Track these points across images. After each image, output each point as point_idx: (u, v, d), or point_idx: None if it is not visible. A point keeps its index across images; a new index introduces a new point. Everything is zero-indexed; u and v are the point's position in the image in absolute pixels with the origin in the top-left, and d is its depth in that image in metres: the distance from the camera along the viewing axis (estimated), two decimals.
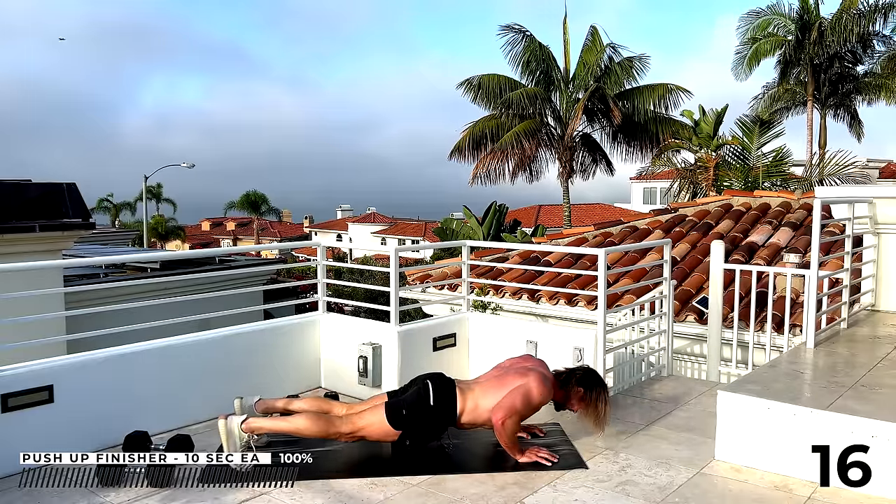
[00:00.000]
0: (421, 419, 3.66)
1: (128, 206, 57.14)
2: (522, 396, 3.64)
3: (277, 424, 3.69)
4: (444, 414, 3.68)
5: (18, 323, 4.01)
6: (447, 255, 18.39)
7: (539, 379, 3.71)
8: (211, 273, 11.55)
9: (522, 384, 3.67)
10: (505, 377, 3.77)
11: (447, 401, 3.69)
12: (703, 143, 17.69)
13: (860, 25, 22.54)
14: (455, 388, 3.73)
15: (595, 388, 3.81)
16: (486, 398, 3.70)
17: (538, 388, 3.67)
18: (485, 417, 3.69)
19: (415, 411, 3.66)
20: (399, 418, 3.64)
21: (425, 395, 3.68)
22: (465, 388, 3.75)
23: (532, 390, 3.66)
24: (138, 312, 4.67)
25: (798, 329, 6.24)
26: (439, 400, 3.68)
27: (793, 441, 3.40)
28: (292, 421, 3.67)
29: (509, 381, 3.72)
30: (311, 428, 3.63)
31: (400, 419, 3.64)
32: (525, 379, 3.70)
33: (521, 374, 3.75)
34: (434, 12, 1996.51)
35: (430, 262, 20.12)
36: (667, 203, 12.11)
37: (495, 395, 3.69)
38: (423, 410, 3.66)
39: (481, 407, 3.69)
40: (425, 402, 3.67)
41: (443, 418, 3.69)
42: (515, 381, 3.71)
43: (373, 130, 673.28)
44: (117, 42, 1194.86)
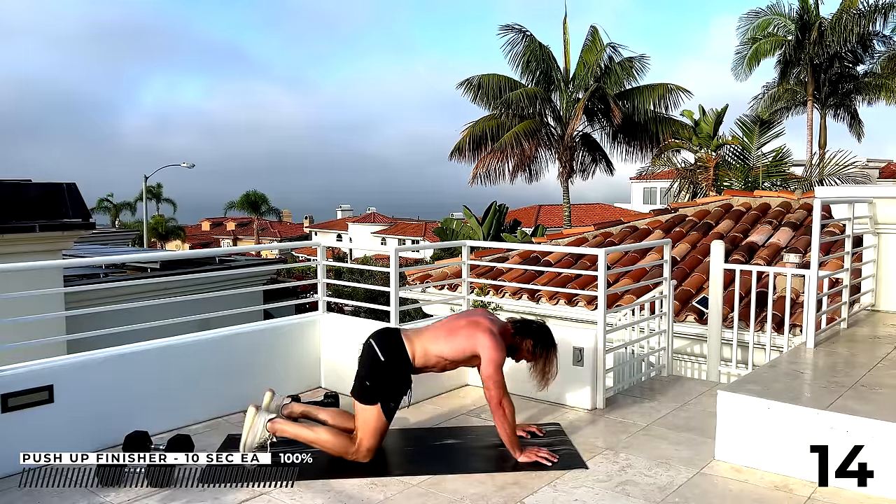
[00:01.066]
0: (383, 377, 3.66)
1: (128, 206, 57.16)
2: (494, 370, 3.63)
3: (302, 432, 3.68)
4: (398, 362, 3.69)
5: (18, 323, 4.01)
6: (447, 255, 18.39)
7: (490, 337, 3.68)
8: (211, 273, 11.55)
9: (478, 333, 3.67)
10: (454, 326, 3.78)
11: (396, 349, 3.71)
12: (703, 143, 17.70)
13: (860, 25, 22.55)
14: (400, 335, 3.78)
15: (546, 344, 3.83)
16: (436, 344, 3.73)
17: (494, 349, 3.65)
18: (434, 362, 3.74)
19: (374, 375, 3.67)
20: (368, 392, 3.64)
21: (374, 355, 3.70)
22: (412, 335, 3.79)
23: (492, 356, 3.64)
24: (138, 312, 4.67)
25: (798, 329, 6.25)
26: (387, 352, 3.70)
27: (793, 441, 3.40)
28: (317, 432, 3.67)
29: (460, 332, 3.73)
30: (332, 443, 3.63)
31: (369, 392, 3.64)
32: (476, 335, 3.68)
33: (471, 325, 3.74)
34: (432, 12, 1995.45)
35: (430, 262, 20.12)
36: (667, 203, 12.11)
37: (445, 342, 3.72)
38: (379, 369, 3.67)
39: (431, 351, 3.73)
40: (377, 361, 3.68)
41: (399, 367, 3.70)
42: (466, 333, 3.71)
43: (373, 130, 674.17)
44: (117, 42, 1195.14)
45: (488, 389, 3.66)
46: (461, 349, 3.73)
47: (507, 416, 3.65)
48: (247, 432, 3.66)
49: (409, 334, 3.81)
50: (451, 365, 3.83)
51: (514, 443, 3.67)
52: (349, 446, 3.62)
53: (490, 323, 3.79)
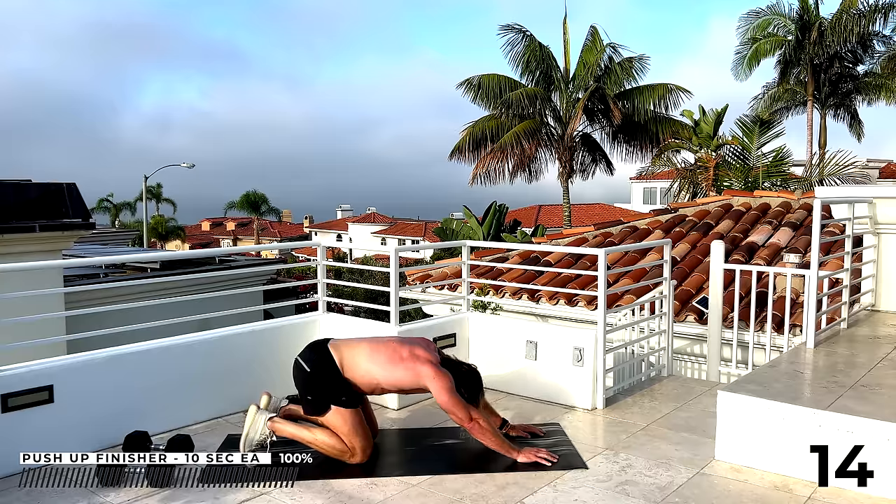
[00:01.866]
0: (317, 386, 3.67)
1: (128, 206, 57.14)
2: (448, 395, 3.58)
3: (300, 433, 3.69)
4: (325, 373, 3.68)
5: (18, 323, 4.01)
6: (447, 255, 18.40)
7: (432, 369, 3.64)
8: (211, 273, 11.55)
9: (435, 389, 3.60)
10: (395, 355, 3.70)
11: (321, 358, 3.70)
12: (703, 143, 17.70)
13: (860, 25, 22.55)
14: (326, 345, 3.77)
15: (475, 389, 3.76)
16: (374, 365, 3.68)
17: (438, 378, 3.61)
18: (365, 381, 3.68)
19: (309, 388, 3.69)
20: (316, 404, 3.67)
21: (301, 369, 3.72)
22: (340, 344, 3.78)
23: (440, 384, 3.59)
24: (138, 312, 4.67)
25: (798, 329, 6.24)
26: (312, 361, 3.71)
27: (793, 441, 3.40)
28: (315, 433, 3.67)
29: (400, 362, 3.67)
30: (329, 445, 3.63)
31: (317, 403, 3.67)
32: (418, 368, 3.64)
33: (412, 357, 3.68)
34: (431, 11, 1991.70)
35: (430, 262, 20.13)
36: (667, 203, 12.11)
37: (382, 368, 3.66)
38: (310, 381, 3.69)
39: (365, 369, 3.67)
40: (305, 374, 3.70)
41: (327, 377, 3.68)
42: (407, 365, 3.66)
43: (373, 130, 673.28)
44: (115, 42, 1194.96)
45: (453, 414, 3.61)
46: (400, 380, 3.70)
47: (485, 428, 3.61)
48: (248, 428, 3.68)
49: (336, 344, 3.79)
50: (380, 391, 3.80)
51: (505, 447, 3.65)
52: (345, 450, 3.63)
53: (430, 354, 3.75)
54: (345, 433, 3.62)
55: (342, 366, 3.70)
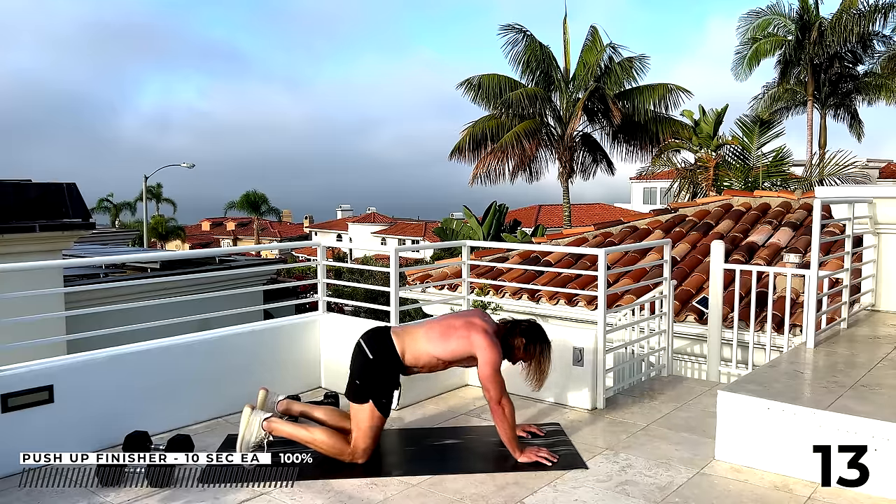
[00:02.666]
0: (372, 377, 3.66)
1: (128, 206, 57.15)
2: (492, 370, 3.62)
3: (298, 432, 3.68)
4: (386, 360, 3.69)
5: (18, 323, 4.01)
6: (447, 255, 18.40)
7: (486, 338, 3.67)
8: (211, 273, 11.56)
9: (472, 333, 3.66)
10: (449, 326, 3.77)
11: (384, 347, 3.71)
12: (703, 143, 17.70)
13: (860, 25, 22.55)
14: (389, 333, 3.77)
15: (538, 341, 3.83)
16: (428, 343, 3.72)
17: (491, 349, 3.65)
18: (426, 360, 3.72)
19: (364, 374, 3.67)
20: (360, 391, 3.65)
21: (363, 354, 3.71)
22: (402, 332, 3.79)
23: (490, 357, 3.64)
24: (138, 312, 4.67)
25: (798, 329, 6.25)
26: (375, 349, 3.70)
27: (793, 441, 3.40)
28: (313, 433, 3.67)
29: (455, 333, 3.72)
30: (328, 444, 3.63)
31: (361, 391, 3.65)
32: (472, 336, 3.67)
33: (466, 325, 3.73)
34: (430, 12, 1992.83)
35: (430, 262, 20.13)
36: (667, 203, 12.11)
37: (439, 342, 3.71)
38: (368, 368, 3.68)
39: (423, 349, 3.71)
40: (366, 359, 3.69)
41: (388, 364, 3.69)
42: (461, 333, 3.70)
43: (372, 130, 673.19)
44: (114, 43, 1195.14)
45: (487, 390, 3.65)
46: (455, 350, 3.72)
47: (507, 416, 3.64)
48: (243, 431, 3.67)
49: (398, 332, 3.81)
50: (443, 365, 3.82)
51: (513, 443, 3.67)
52: (344, 448, 3.63)
53: (486, 324, 3.79)
54: (362, 429, 3.62)
55: (403, 354, 3.71)
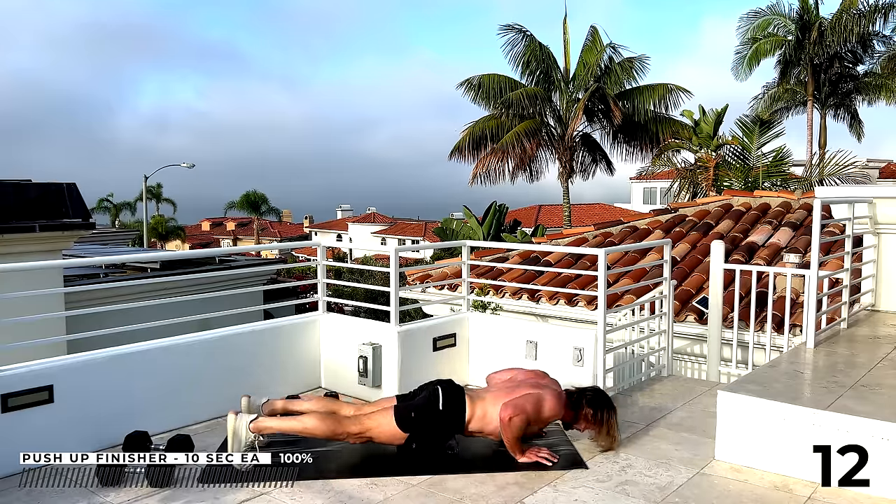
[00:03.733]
0: (429, 423, 3.67)
1: (128, 206, 57.15)
2: (534, 401, 3.68)
3: (286, 424, 3.68)
4: (452, 419, 3.70)
5: (18, 323, 4.01)
6: (447, 255, 18.39)
7: (553, 394, 3.76)
8: (211, 273, 11.55)
9: (537, 392, 3.71)
10: (517, 389, 3.78)
11: (456, 406, 3.71)
12: (703, 143, 17.69)
13: (860, 25, 22.55)
14: (464, 395, 3.76)
15: (604, 409, 3.82)
16: (495, 406, 3.70)
17: (551, 401, 3.72)
18: (492, 427, 3.70)
19: (423, 415, 3.67)
20: (408, 421, 3.65)
21: (435, 400, 3.70)
22: (475, 396, 3.78)
23: (545, 400, 3.70)
24: (138, 312, 4.67)
25: (798, 329, 6.24)
26: (448, 405, 3.70)
27: (793, 441, 3.40)
28: (302, 420, 3.68)
29: (521, 392, 3.74)
30: (320, 427, 3.63)
31: (409, 422, 3.65)
32: (538, 390, 3.74)
33: (533, 387, 3.79)
34: (428, 12, 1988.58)
35: (430, 262, 20.12)
36: (667, 203, 12.11)
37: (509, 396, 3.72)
38: (431, 414, 3.67)
39: (489, 415, 3.70)
40: (434, 407, 3.69)
41: (451, 423, 3.71)
42: (528, 391, 3.73)
43: (371, 130, 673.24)
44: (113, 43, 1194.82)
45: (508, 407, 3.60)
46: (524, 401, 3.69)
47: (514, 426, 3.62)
48: (231, 439, 3.63)
49: (471, 395, 3.79)
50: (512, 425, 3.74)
51: (515, 445, 3.66)
52: (337, 427, 3.62)
53: (556, 384, 3.85)
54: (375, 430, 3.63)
55: (470, 419, 3.71)
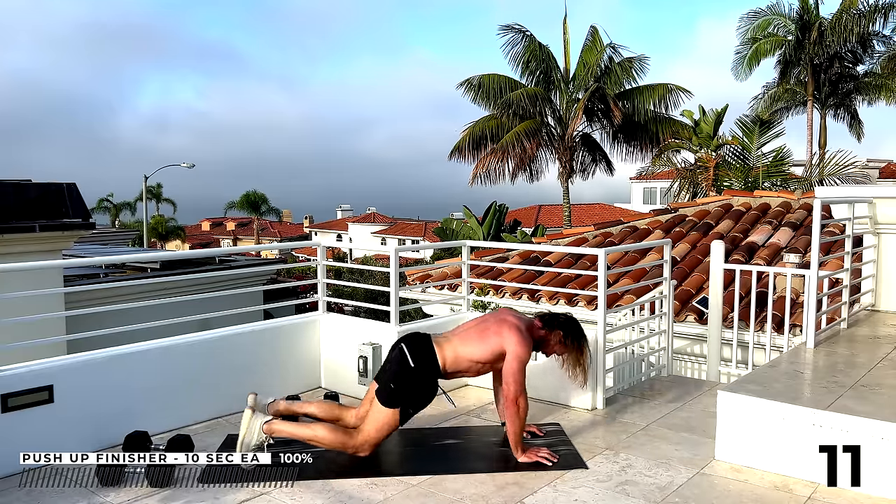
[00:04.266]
0: (409, 384, 3.66)
1: (128, 206, 57.16)
2: (519, 367, 3.66)
3: (298, 431, 3.67)
4: (427, 370, 3.69)
5: (18, 323, 4.01)
6: (447, 255, 18.39)
7: (517, 333, 3.71)
8: (211, 273, 11.55)
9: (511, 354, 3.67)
10: (484, 328, 3.79)
11: (426, 356, 3.70)
12: (703, 143, 17.70)
13: (860, 25, 22.56)
14: (431, 342, 3.76)
15: (576, 335, 3.86)
16: (466, 346, 3.73)
17: (520, 345, 3.68)
18: (465, 365, 3.74)
19: (401, 380, 3.65)
20: (392, 395, 3.63)
21: (405, 361, 3.68)
22: (443, 340, 3.79)
23: (518, 352, 3.67)
24: (138, 312, 4.67)
25: (798, 329, 6.25)
26: (418, 358, 3.68)
27: (793, 441, 3.40)
28: (314, 429, 3.66)
29: (489, 333, 3.74)
30: (329, 438, 3.62)
31: (393, 395, 3.63)
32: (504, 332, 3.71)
33: (498, 323, 3.76)
34: (425, 11, 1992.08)
35: (430, 262, 20.12)
36: (667, 203, 12.11)
37: (476, 345, 3.73)
38: (408, 375, 3.66)
39: (462, 355, 3.72)
40: (407, 367, 3.67)
41: (428, 374, 3.69)
42: (494, 331, 3.73)
43: (371, 130, 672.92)
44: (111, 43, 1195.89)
45: (507, 385, 3.66)
46: (491, 349, 3.73)
47: (521, 414, 3.66)
48: (244, 432, 3.64)
49: (439, 340, 3.79)
50: (484, 368, 3.83)
51: (519, 442, 3.67)
52: (347, 440, 3.61)
53: (517, 320, 3.82)
54: (375, 427, 3.62)
55: (444, 363, 3.72)
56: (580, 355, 3.87)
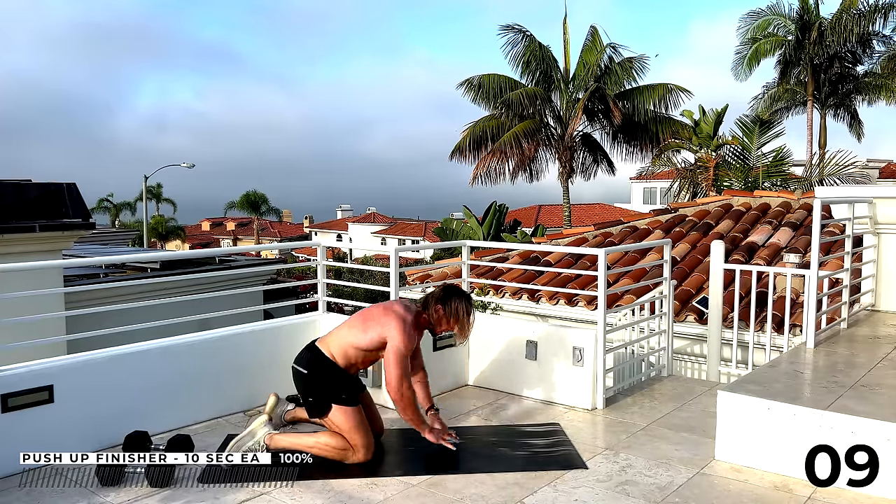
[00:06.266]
0: (317, 387, 3.71)
1: (128, 206, 57.15)
2: (395, 358, 3.64)
3: (299, 441, 3.68)
4: (322, 370, 3.72)
5: (18, 323, 4.01)
6: (447, 255, 18.39)
7: (398, 324, 3.69)
8: (211, 273, 11.54)
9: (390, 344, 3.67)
10: (369, 315, 3.80)
11: (314, 357, 3.75)
12: (703, 143, 17.70)
13: (860, 25, 22.55)
14: (314, 344, 3.82)
15: (452, 298, 3.83)
16: (350, 334, 3.76)
17: (400, 335, 3.66)
18: (351, 352, 3.74)
19: (309, 389, 3.74)
20: (318, 405, 3.69)
21: (298, 374, 3.76)
22: (327, 336, 3.83)
23: (396, 343, 3.66)
24: (138, 312, 4.67)
25: (798, 329, 6.25)
26: (308, 364, 3.74)
27: (793, 441, 3.40)
28: (317, 437, 3.68)
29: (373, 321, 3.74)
30: (331, 447, 3.63)
31: (318, 405, 3.69)
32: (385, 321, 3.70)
33: (384, 312, 3.76)
34: (423, 11, 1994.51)
35: (430, 262, 20.12)
36: (667, 203, 12.11)
37: (357, 332, 3.74)
38: (309, 382, 3.73)
39: (345, 340, 3.74)
40: (304, 377, 3.74)
41: (323, 370, 3.72)
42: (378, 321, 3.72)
43: (370, 130, 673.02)
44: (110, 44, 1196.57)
45: (385, 375, 3.68)
46: (374, 338, 3.72)
47: (405, 402, 3.66)
48: (244, 433, 3.68)
49: (323, 338, 3.85)
50: (371, 355, 3.80)
51: (419, 423, 3.75)
52: (347, 451, 3.63)
53: (404, 310, 3.78)
54: (346, 430, 3.63)
55: (333, 355, 3.74)
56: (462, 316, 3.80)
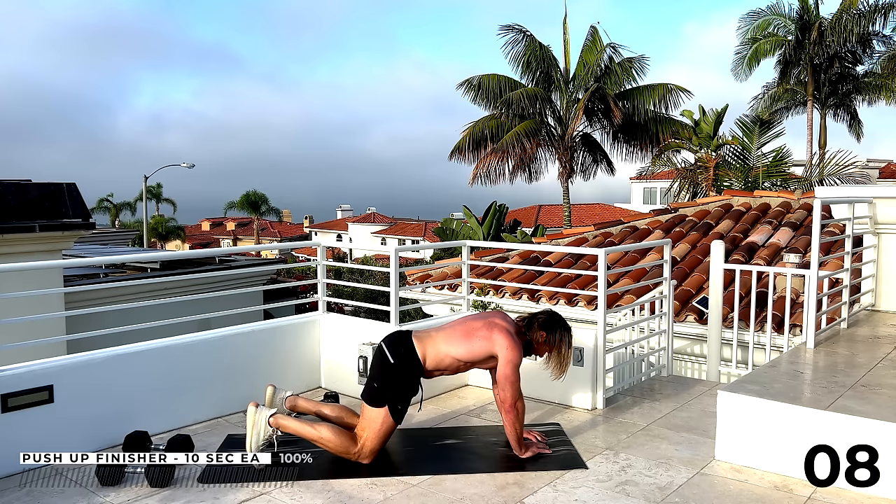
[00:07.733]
0: (392, 381, 3.65)
1: (128, 206, 57.12)
2: (514, 371, 3.64)
3: (304, 430, 3.65)
4: (408, 365, 3.68)
5: (18, 323, 4.01)
6: (447, 255, 18.40)
7: (508, 338, 3.68)
8: (211, 273, 11.53)
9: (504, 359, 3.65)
10: (470, 328, 3.76)
11: (406, 352, 3.69)
12: (703, 143, 17.71)
13: (860, 25, 22.57)
14: (411, 338, 3.76)
15: (557, 329, 3.82)
16: (450, 345, 3.71)
17: (513, 350, 3.66)
18: (447, 363, 3.72)
19: (384, 378, 3.66)
20: (377, 395, 3.63)
21: (384, 358, 3.69)
22: (424, 336, 3.77)
23: (511, 357, 3.65)
24: (138, 312, 4.68)
25: (798, 329, 6.25)
26: (397, 354, 3.68)
27: (793, 441, 3.40)
28: (319, 430, 3.65)
29: (476, 334, 3.71)
30: (334, 442, 3.61)
31: (377, 393, 3.63)
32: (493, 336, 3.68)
33: (487, 326, 3.74)
34: (420, 11, 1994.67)
35: (430, 262, 20.12)
36: (667, 203, 12.11)
37: (460, 344, 3.71)
38: (389, 372, 3.66)
39: (445, 352, 3.71)
40: (387, 364, 3.67)
41: (409, 370, 3.68)
42: (483, 334, 3.70)
43: (368, 130, 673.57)
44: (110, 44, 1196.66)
45: (503, 390, 3.65)
46: (477, 351, 3.71)
47: (520, 418, 3.66)
48: (251, 431, 3.64)
49: (420, 336, 3.78)
50: (464, 367, 3.81)
51: (520, 442, 3.68)
52: (351, 447, 3.61)
53: (507, 324, 3.79)
54: (372, 431, 3.61)
55: (425, 359, 3.71)
56: (563, 349, 3.82)
